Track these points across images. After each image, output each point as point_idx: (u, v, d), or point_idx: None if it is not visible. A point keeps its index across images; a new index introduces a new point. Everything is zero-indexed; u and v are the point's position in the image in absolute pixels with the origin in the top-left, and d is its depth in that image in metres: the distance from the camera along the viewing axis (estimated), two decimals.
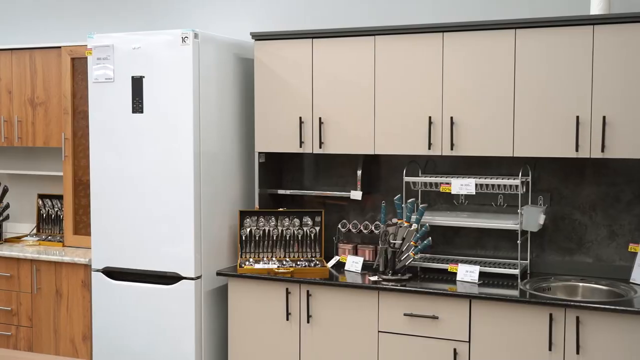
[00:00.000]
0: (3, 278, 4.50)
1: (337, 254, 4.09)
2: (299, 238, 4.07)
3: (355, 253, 4.08)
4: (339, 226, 4.13)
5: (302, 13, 4.35)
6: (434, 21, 3.92)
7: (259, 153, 4.15)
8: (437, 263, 3.85)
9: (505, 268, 3.71)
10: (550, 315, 3.23)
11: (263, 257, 4.03)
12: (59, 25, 5.01)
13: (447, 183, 3.73)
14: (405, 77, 3.73)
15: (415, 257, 3.70)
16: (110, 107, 3.99)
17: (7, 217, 4.88)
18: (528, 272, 3.79)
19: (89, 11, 4.93)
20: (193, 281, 3.85)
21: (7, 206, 4.87)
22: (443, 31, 3.63)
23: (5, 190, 4.87)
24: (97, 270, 4.09)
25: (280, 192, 4.27)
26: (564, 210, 3.81)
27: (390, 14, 4.13)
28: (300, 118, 3.95)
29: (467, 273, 3.62)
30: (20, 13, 5.15)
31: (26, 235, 4.94)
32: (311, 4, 4.34)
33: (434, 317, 3.45)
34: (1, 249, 4.56)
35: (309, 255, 4.06)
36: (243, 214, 4.07)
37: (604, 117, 3.35)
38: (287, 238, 4.06)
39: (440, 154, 3.68)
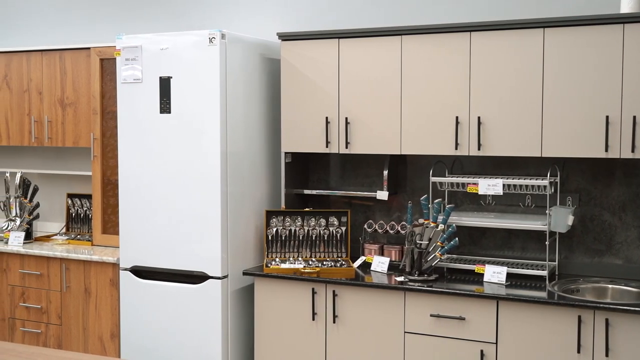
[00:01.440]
0: (33, 276, 4.57)
1: (363, 254, 4.09)
2: (325, 238, 4.07)
3: (382, 253, 4.07)
4: (365, 226, 4.13)
5: (328, 13, 4.35)
6: (461, 20, 3.90)
7: (286, 153, 4.16)
8: (464, 264, 3.83)
9: (533, 269, 3.68)
10: (579, 317, 3.20)
11: (289, 257, 4.04)
12: (88, 27, 5.06)
13: (475, 183, 3.71)
14: (432, 76, 3.71)
15: (442, 257, 3.69)
16: (138, 108, 4.03)
17: (37, 216, 4.95)
18: (556, 273, 3.75)
19: (117, 12, 4.98)
20: (220, 280, 3.87)
21: (37, 205, 4.93)
22: (470, 31, 3.61)
23: (35, 190, 4.94)
24: (125, 269, 4.13)
25: (307, 192, 4.27)
26: (593, 211, 3.77)
27: (417, 14, 4.12)
28: (327, 118, 3.96)
29: (494, 274, 3.59)
30: (50, 15, 5.21)
31: (56, 234, 5.00)
32: (337, 4, 4.34)
33: (461, 318, 3.44)
34: (31, 247, 4.62)
35: (335, 256, 4.06)
36: (269, 214, 4.08)
37: (634, 117, 3.31)
38: (313, 238, 4.07)
39: (467, 154, 3.66)
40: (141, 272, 4.10)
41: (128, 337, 4.15)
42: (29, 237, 4.82)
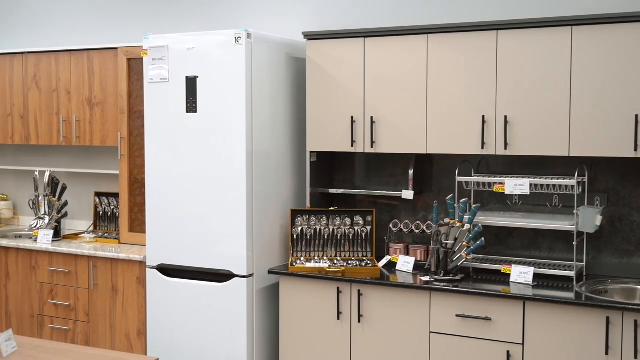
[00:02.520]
0: (62, 274, 4.62)
1: (388, 254, 4.08)
2: (350, 237, 4.07)
3: (407, 253, 4.06)
4: (391, 226, 4.12)
5: (354, 12, 4.35)
6: (488, 19, 3.87)
7: (311, 152, 4.17)
8: (490, 264, 3.81)
9: (560, 270, 3.65)
10: (607, 318, 3.16)
11: (314, 256, 4.04)
12: (116, 27, 5.11)
13: (501, 183, 3.68)
14: (458, 75, 3.69)
15: (468, 257, 3.67)
16: (165, 107, 4.06)
17: (65, 215, 5.00)
18: (584, 274, 3.71)
19: (144, 12, 5.02)
20: (245, 279, 3.89)
21: (66, 204, 4.99)
22: (497, 29, 3.59)
23: (63, 188, 4.99)
24: (152, 267, 4.17)
25: (332, 191, 4.27)
26: (622, 211, 3.72)
27: (442, 12, 4.10)
28: (352, 117, 3.95)
29: (521, 274, 3.56)
30: (78, 16, 5.27)
31: (83, 232, 5.06)
32: (363, 3, 4.33)
33: (487, 319, 3.42)
34: (60, 245, 4.68)
35: (360, 255, 4.06)
36: (294, 213, 4.09)
37: None
38: (338, 237, 4.07)
39: (493, 154, 3.63)
40: (167, 270, 4.13)
41: (154, 334, 4.18)
42: (57, 235, 4.88)
